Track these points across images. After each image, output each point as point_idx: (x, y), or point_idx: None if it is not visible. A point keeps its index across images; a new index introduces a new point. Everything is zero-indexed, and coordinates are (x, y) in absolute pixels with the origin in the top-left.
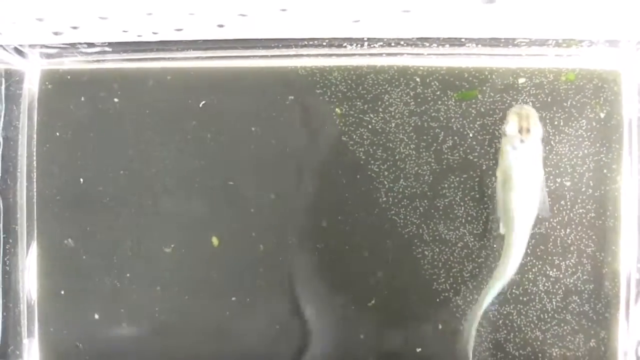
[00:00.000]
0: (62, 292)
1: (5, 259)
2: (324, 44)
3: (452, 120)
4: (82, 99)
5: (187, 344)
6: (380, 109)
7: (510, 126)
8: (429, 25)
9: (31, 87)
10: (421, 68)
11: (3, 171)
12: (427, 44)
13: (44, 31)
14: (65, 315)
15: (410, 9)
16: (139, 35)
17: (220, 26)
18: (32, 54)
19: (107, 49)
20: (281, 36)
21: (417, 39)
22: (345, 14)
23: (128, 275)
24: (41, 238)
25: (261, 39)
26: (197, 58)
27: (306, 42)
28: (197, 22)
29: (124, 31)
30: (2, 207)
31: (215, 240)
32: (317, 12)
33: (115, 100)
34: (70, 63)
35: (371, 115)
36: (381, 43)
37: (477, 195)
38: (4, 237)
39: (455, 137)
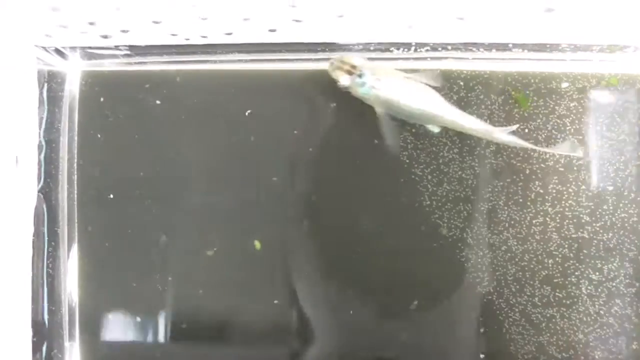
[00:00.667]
0: (103, 295)
1: (48, 262)
2: (371, 48)
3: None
4: (123, 100)
5: (229, 348)
6: None
7: (342, 80)
8: (482, 32)
9: (72, 89)
10: (464, 72)
11: (46, 174)
12: (473, 49)
13: (94, 34)
14: (107, 319)
15: (465, 16)
16: (186, 39)
17: (272, 31)
18: (73, 55)
19: (148, 51)
20: (332, 41)
21: (462, 43)
22: (401, 20)
23: (170, 278)
24: (82, 241)
25: (307, 43)
26: (240, 61)
27: (351, 46)
28: (250, 26)
29: (173, 35)
30: (45, 210)
31: (257, 244)
32: (374, 18)
33: (158, 102)
34: (111, 65)
35: None
36: (428, 47)
37: (521, 200)
38: (47, 240)
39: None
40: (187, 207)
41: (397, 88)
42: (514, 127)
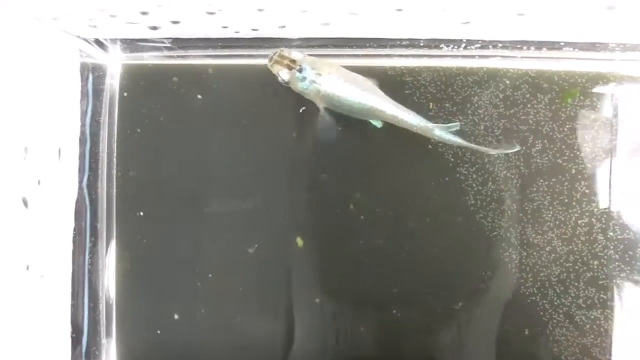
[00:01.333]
0: (141, 292)
1: (89, 257)
2: (421, 44)
3: (542, 123)
4: (163, 94)
5: (266, 346)
6: (469, 111)
7: (282, 74)
8: (539, 29)
9: (112, 82)
10: (511, 70)
11: (90, 168)
12: (523, 47)
13: (142, 25)
14: (144, 315)
15: (525, 12)
16: (236, 32)
17: (325, 24)
18: (114, 47)
19: (190, 44)
20: (384, 36)
21: (513, 41)
22: (458, 16)
23: (210, 275)
24: (121, 236)
25: (358, 38)
26: None
27: (399, 42)
28: (304, 19)
29: (224, 27)
30: (88, 204)
31: (299, 241)
32: (432, 13)
33: (199, 96)
34: (151, 58)
35: (460, 117)
36: (478, 45)
37: (566, 200)
38: (88, 235)
39: (545, 141)
40: (227, 203)
41: (338, 82)
42: (456, 125)
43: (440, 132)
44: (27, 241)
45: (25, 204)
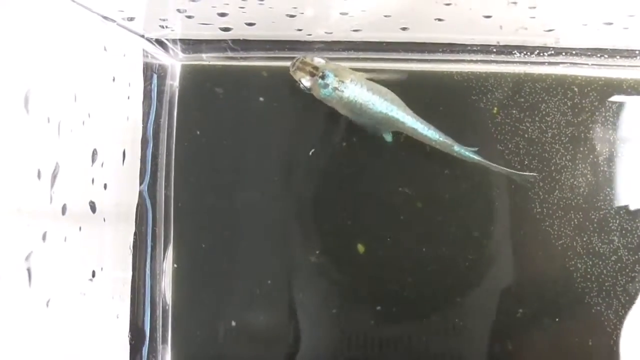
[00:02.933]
0: (198, 298)
1: (150, 262)
2: (493, 50)
3: (610, 131)
4: (223, 96)
5: (327, 355)
6: (537, 118)
7: (304, 81)
8: (620, 37)
9: (172, 83)
10: (579, 77)
11: (151, 171)
12: (596, 55)
13: (215, 26)
14: (200, 321)
15: (613, 20)
16: (308, 35)
17: (404, 29)
18: (175, 48)
19: (253, 46)
20: (454, 42)
21: (586, 49)
22: (541, 23)
23: (269, 282)
24: (178, 241)
25: (428, 43)
26: (351, 59)
27: (469, 48)
28: (385, 24)
29: (298, 30)
30: (150, 209)
31: (361, 248)
32: (518, 19)
33: (261, 99)
34: (211, 59)
35: (527, 124)
36: (551, 52)
37: (633, 209)
38: (150, 239)
39: (612, 149)
40: (285, 208)
41: (361, 91)
42: (475, 150)
43: (459, 149)
44: (94, 247)
45: (93, 209)
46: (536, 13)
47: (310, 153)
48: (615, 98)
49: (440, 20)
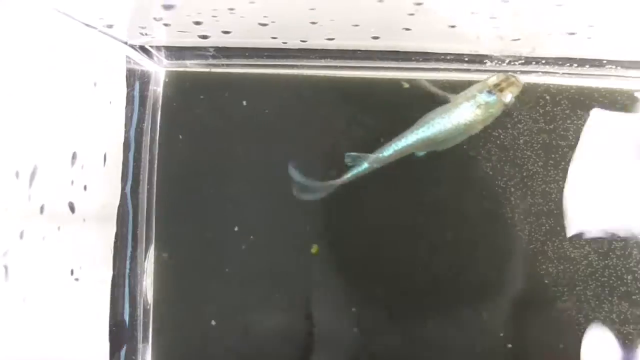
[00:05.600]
0: (179, 298)
1: (130, 262)
2: (466, 59)
3: (581, 139)
4: (205, 102)
5: (305, 354)
6: (509, 125)
7: (510, 97)
8: (586, 47)
9: (156, 89)
10: (552, 86)
11: (133, 174)
12: (566, 64)
13: (193, 34)
14: (181, 321)
15: (575, 31)
16: (284, 43)
17: (375, 38)
18: (159, 55)
19: (234, 53)
20: (429, 50)
21: (557, 58)
22: (511, 33)
23: (248, 282)
24: (160, 242)
25: (403, 52)
26: (326, 67)
27: (443, 56)
28: (356, 32)
29: (273, 38)
30: (131, 210)
31: (315, 248)
32: (487, 30)
33: (244, 103)
34: (194, 65)
35: (500, 131)
36: (522, 61)
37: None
38: (130, 240)
39: (583, 156)
40: (268, 211)
41: None
42: None
43: None
44: (73, 246)
45: (72, 209)
46: (499, 23)
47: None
48: (585, 106)
49: (407, 29)
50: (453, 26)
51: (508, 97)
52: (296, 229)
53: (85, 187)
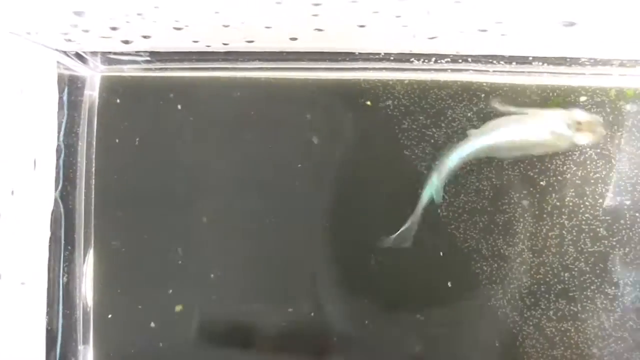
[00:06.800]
0: (118, 300)
1: (64, 265)
2: (392, 58)
3: None
4: (142, 106)
5: (245, 353)
6: (443, 124)
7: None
8: (502, 44)
9: (92, 94)
10: (484, 84)
11: (64, 178)
12: (494, 62)
13: (115, 40)
14: (121, 323)
15: (488, 28)
16: (207, 46)
17: (293, 39)
18: (94, 60)
19: (169, 57)
20: (352, 50)
21: (483, 56)
22: (424, 32)
23: (184, 283)
24: (98, 246)
25: (327, 52)
26: (261, 69)
27: (372, 56)
28: (271, 34)
29: (194, 41)
30: (63, 213)
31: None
32: (394, 28)
33: (179, 107)
34: (131, 70)
35: (434, 130)
36: (448, 59)
37: (537, 212)
38: (64, 243)
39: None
40: (204, 215)
41: None
42: None
43: None
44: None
45: None
46: (406, 22)
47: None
48: (518, 104)
49: (320, 30)
50: (362, 25)
51: (582, 140)
52: (233, 232)
53: (12, 192)
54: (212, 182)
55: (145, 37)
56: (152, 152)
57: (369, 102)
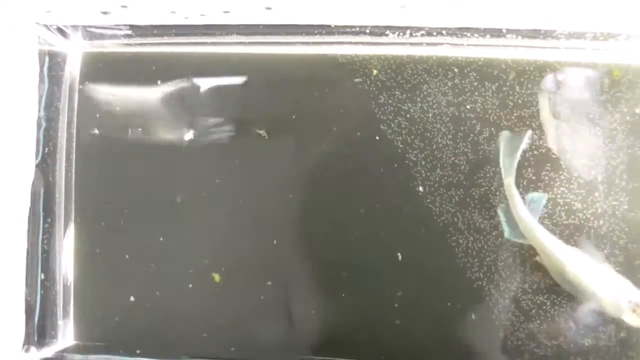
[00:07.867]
0: (99, 274)
1: (44, 237)
2: (367, 31)
3: (489, 111)
4: (123, 81)
5: (221, 328)
6: (419, 99)
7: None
8: (475, 15)
9: (72, 70)
10: (459, 58)
11: (44, 151)
12: (468, 34)
13: (94, 10)
14: (101, 297)
15: None
16: (185, 17)
17: (268, 9)
18: (75, 35)
19: (148, 31)
20: (328, 22)
21: (457, 29)
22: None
23: (165, 257)
24: (79, 220)
25: (303, 25)
26: (239, 43)
27: (348, 30)
28: (246, 4)
29: (172, 12)
30: (43, 186)
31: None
32: None
33: (158, 82)
34: (112, 45)
35: (409, 105)
36: (422, 32)
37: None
38: (43, 216)
39: (492, 128)
40: (188, 186)
41: None
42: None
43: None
44: None
45: None
46: None
47: None
48: (493, 78)
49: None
50: None
51: (631, 320)
52: (218, 203)
53: None
54: (191, 161)
55: (122, 6)
56: (132, 126)
57: (350, 79)
